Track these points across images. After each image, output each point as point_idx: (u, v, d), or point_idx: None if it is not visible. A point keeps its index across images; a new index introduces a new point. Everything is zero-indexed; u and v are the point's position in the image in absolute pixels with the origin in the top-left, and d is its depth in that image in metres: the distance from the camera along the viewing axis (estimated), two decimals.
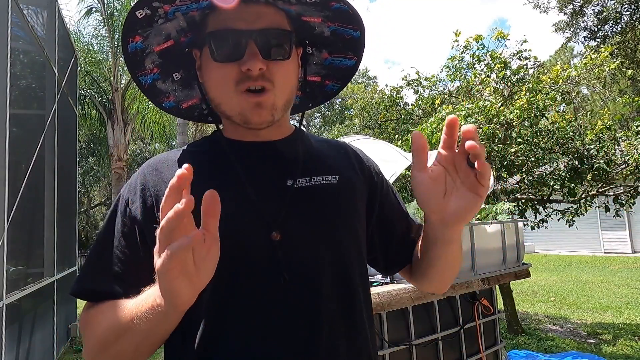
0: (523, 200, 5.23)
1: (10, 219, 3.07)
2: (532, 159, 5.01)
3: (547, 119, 5.15)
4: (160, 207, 0.51)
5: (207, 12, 0.72)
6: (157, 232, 0.51)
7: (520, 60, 6.29)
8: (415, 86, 8.15)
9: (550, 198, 5.20)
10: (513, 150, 4.89)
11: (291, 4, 0.72)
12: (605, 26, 11.92)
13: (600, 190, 5.03)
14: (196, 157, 0.76)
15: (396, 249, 0.89)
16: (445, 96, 7.84)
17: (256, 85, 0.69)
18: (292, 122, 0.89)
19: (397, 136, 7.94)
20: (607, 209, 4.95)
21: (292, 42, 0.73)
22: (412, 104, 8.87)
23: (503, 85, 5.65)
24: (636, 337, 4.77)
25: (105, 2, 9.49)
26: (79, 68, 6.89)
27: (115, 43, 9.53)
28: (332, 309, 0.71)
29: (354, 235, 0.79)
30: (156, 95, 0.83)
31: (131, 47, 0.73)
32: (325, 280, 0.71)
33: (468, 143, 0.58)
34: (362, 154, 0.92)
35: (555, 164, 5.00)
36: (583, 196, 5.05)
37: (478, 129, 4.70)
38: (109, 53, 9.82)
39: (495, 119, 4.81)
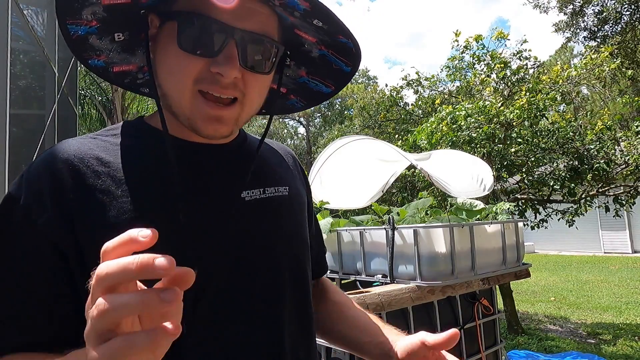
0: (523, 200, 5.23)
1: None
2: (532, 159, 5.01)
3: (547, 119, 5.16)
4: (105, 249, 0.35)
5: None
6: (92, 280, 0.35)
7: (520, 60, 6.30)
8: (415, 86, 8.16)
9: (550, 198, 5.20)
10: (513, 150, 4.90)
11: (292, 15, 0.60)
12: (605, 26, 11.92)
13: (600, 190, 5.03)
14: (125, 153, 0.61)
15: None
16: (445, 96, 7.85)
17: (225, 94, 0.57)
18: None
19: (397, 136, 7.94)
20: (607, 209, 4.95)
21: (278, 56, 0.62)
22: (412, 104, 8.87)
23: (503, 85, 5.66)
24: (636, 337, 4.77)
25: None
26: (79, 68, 6.89)
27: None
28: (294, 337, 0.66)
29: (307, 252, 0.74)
30: (84, 50, 0.64)
31: None
32: (286, 306, 0.65)
33: None
34: (299, 161, 0.86)
35: (555, 164, 5.00)
36: (583, 196, 5.05)
37: (478, 129, 4.70)
38: None
39: (495, 119, 4.81)
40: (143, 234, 0.34)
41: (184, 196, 0.59)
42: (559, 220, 5.24)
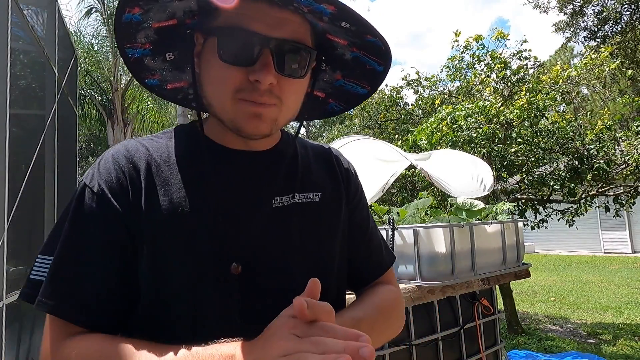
0: (523, 200, 5.23)
1: (10, 219, 3.07)
2: (532, 159, 5.01)
3: (547, 119, 5.16)
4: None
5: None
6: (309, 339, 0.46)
7: (520, 60, 6.30)
8: (415, 86, 8.17)
9: (550, 198, 5.20)
10: (513, 150, 4.90)
11: (321, 20, 0.64)
12: (605, 26, 11.91)
13: (600, 190, 5.03)
14: (174, 154, 0.68)
15: (352, 269, 0.80)
16: (445, 96, 7.85)
17: (261, 100, 0.62)
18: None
19: (397, 136, 7.95)
20: (607, 209, 4.95)
21: (311, 60, 0.66)
22: (412, 104, 8.88)
23: (503, 85, 5.66)
24: (636, 337, 4.77)
25: (105, 2, 9.50)
26: (79, 68, 6.89)
27: (116, 43, 9.53)
28: None
29: (334, 261, 0.73)
30: (141, 70, 0.73)
31: (126, 17, 0.63)
32: None
33: None
34: (348, 163, 0.85)
35: (555, 164, 5.00)
36: (583, 196, 5.05)
37: (478, 129, 4.70)
38: (109, 53, 9.83)
39: (495, 119, 4.81)
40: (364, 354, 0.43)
41: (222, 201, 0.64)
42: (559, 220, 5.23)
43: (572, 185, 4.82)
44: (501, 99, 5.44)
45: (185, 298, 0.61)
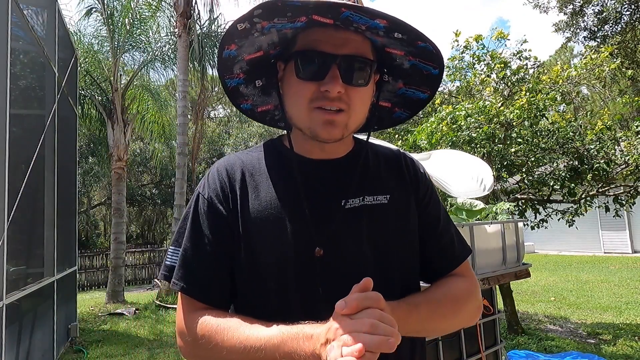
0: (523, 200, 5.23)
1: (10, 219, 3.07)
2: (532, 159, 5.01)
3: (547, 119, 5.15)
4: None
5: (299, 31, 0.77)
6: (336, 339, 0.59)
7: (520, 60, 6.28)
8: None
9: (550, 198, 5.20)
10: (513, 150, 4.90)
11: (378, 35, 0.76)
12: (605, 26, 11.91)
13: (600, 190, 5.03)
14: (264, 164, 0.84)
15: (423, 263, 0.88)
16: (445, 96, 7.84)
17: (333, 106, 0.74)
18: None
19: (397, 136, 7.94)
20: (607, 209, 4.95)
21: (372, 70, 0.78)
22: None
23: (503, 85, 5.65)
24: (636, 337, 4.77)
25: (105, 2, 9.48)
26: (79, 68, 6.89)
27: (115, 43, 9.53)
28: None
29: (401, 255, 0.82)
30: (237, 97, 0.90)
31: (226, 53, 0.80)
32: None
33: None
34: (416, 164, 0.92)
35: (555, 164, 5.00)
36: (583, 196, 5.05)
37: (478, 129, 4.70)
38: (109, 53, 9.81)
39: (495, 119, 4.81)
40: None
41: (303, 201, 0.78)
42: (559, 220, 5.23)
43: (572, 185, 4.82)
44: (501, 99, 5.44)
45: (276, 277, 0.75)
